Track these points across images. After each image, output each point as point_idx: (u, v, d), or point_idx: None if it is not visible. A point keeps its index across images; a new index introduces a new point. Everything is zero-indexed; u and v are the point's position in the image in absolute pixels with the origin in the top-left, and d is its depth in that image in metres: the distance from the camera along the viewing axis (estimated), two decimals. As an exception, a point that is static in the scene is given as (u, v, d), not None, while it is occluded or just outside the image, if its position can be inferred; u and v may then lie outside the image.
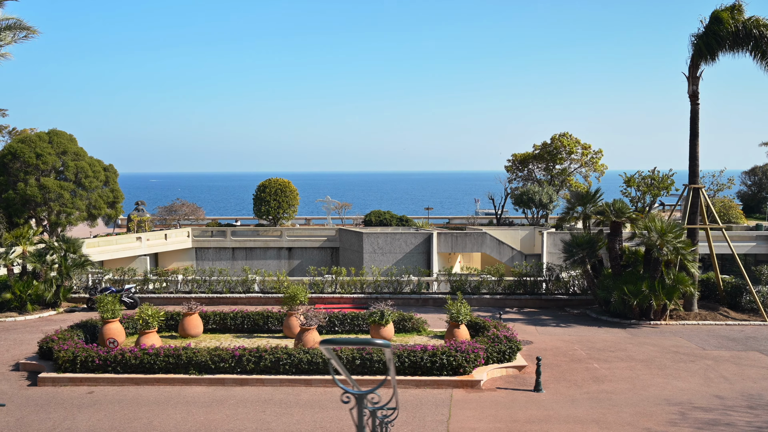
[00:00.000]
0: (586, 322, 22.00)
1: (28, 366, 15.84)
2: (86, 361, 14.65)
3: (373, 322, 17.73)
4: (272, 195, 49.28)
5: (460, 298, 17.57)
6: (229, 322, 19.16)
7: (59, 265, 24.43)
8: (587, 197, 23.08)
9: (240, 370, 14.49)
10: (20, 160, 38.95)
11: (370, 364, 14.43)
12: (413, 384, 14.19)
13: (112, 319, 17.28)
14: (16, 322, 22.43)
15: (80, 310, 24.49)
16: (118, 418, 12.37)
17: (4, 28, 23.51)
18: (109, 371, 14.62)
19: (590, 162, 50.41)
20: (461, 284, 25.08)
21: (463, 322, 16.90)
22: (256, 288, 25.67)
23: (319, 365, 14.41)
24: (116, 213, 43.87)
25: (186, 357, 14.54)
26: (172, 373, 14.54)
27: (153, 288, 25.79)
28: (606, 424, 11.97)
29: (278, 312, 19.51)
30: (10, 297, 23.07)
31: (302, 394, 13.75)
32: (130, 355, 14.61)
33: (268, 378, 14.32)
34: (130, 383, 14.39)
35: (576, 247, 21.97)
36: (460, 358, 14.40)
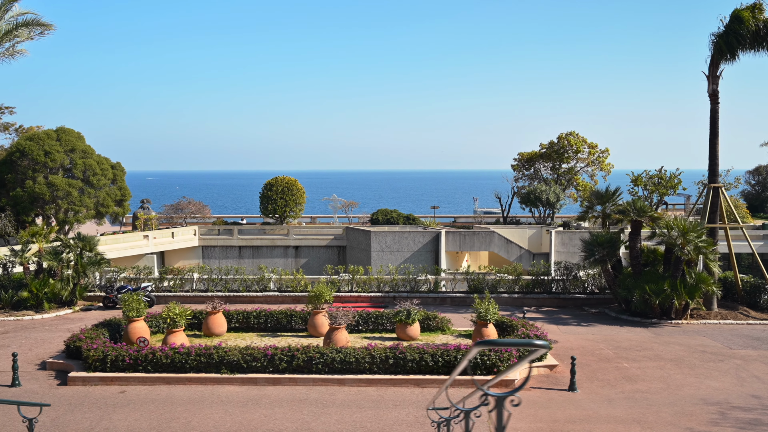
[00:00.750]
0: (606, 321, 21.96)
1: (55, 365, 15.71)
2: (116, 360, 14.53)
3: (399, 321, 17.68)
4: (279, 193, 49.15)
5: (488, 296, 17.52)
6: (253, 321, 19.05)
7: (75, 263, 24.27)
8: (606, 196, 23.03)
9: (272, 369, 14.39)
10: (28, 158, 38.74)
11: (404, 363, 14.34)
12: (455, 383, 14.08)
13: (137, 318, 17.16)
14: (33, 320, 22.27)
15: (96, 309, 24.34)
16: (155, 417, 12.26)
17: (21, 24, 23.31)
18: (140, 370, 14.50)
19: (597, 161, 50.39)
20: (479, 283, 25.02)
21: (492, 321, 16.83)
22: (272, 286, 25.55)
23: (352, 364, 14.32)
24: (124, 211, 43.69)
25: (218, 356, 14.43)
26: (204, 373, 14.44)
27: (169, 286, 25.66)
28: (648, 424, 11.92)
29: (301, 311, 19.41)
30: (27, 295, 22.90)
31: (337, 394, 13.67)
32: (161, 354, 14.50)
33: (301, 377, 14.23)
34: (162, 382, 14.28)
35: (597, 246, 21.92)
36: (494, 357, 14.34)
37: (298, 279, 25.28)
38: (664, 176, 47.09)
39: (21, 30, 23.45)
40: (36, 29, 23.86)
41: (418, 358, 14.32)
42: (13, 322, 21.81)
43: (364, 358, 14.33)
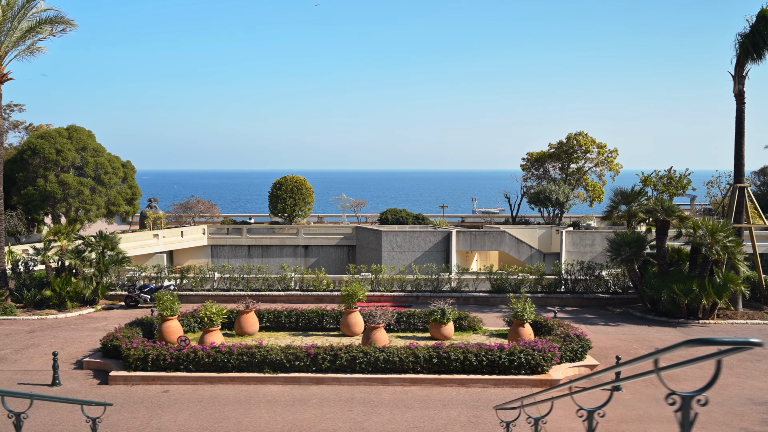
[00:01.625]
0: (632, 320, 21.96)
1: (92, 364, 15.60)
2: (157, 359, 14.43)
3: (434, 321, 17.61)
4: (288, 192, 49.06)
5: (524, 296, 17.49)
6: (284, 320, 18.95)
7: (97, 262, 24.14)
8: (632, 195, 23.02)
9: (315, 368, 14.31)
10: (40, 156, 38.56)
11: (448, 363, 14.28)
12: (492, 383, 14.06)
13: (171, 317, 17.07)
14: (57, 319, 22.12)
15: (118, 308, 24.21)
16: (205, 417, 12.16)
17: (44, 21, 23.12)
18: (181, 370, 14.39)
19: (606, 161, 50.44)
20: (502, 283, 24.99)
21: (528, 320, 16.79)
22: (294, 285, 25.46)
23: (396, 364, 14.25)
24: (134, 210, 43.53)
25: (260, 356, 14.34)
26: (246, 372, 14.34)
27: (190, 285, 25.54)
28: (701, 424, 11.89)
29: (332, 310, 19.34)
30: (50, 294, 22.76)
31: (383, 393, 13.60)
32: (202, 354, 14.40)
33: (345, 377, 14.15)
34: (204, 382, 14.18)
35: (624, 245, 21.91)
36: (538, 356, 14.29)
37: (321, 278, 25.20)
38: (674, 176, 47.20)
39: (43, 27, 23.25)
40: (58, 26, 23.66)
41: (462, 357, 14.26)
42: (38, 321, 21.66)
43: (407, 358, 14.27)
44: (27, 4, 22.53)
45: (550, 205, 47.98)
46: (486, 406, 12.84)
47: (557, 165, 51.42)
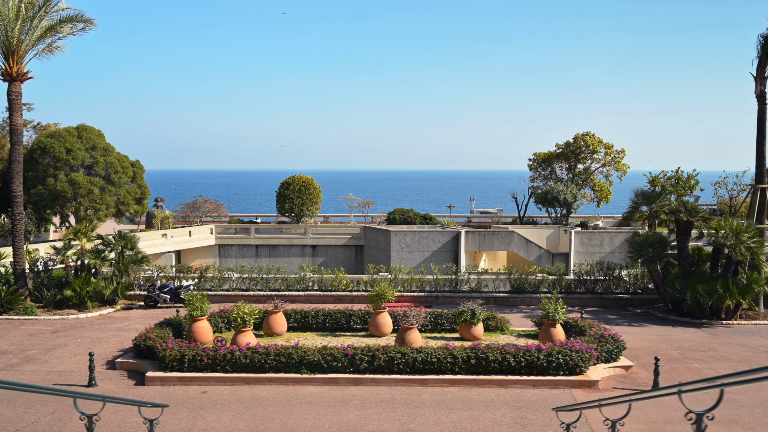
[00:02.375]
0: (655, 321, 21.98)
1: (125, 365, 15.51)
2: (194, 360, 14.36)
3: (464, 321, 17.59)
4: (296, 192, 48.97)
5: (555, 296, 17.48)
6: (311, 320, 18.89)
7: (116, 261, 24.03)
8: (653, 196, 23.05)
9: (353, 369, 14.26)
10: (50, 155, 38.41)
11: (486, 363, 14.26)
12: (530, 384, 14.04)
13: (201, 317, 16.99)
14: (79, 319, 22.01)
15: (137, 308, 24.11)
16: (249, 418, 12.11)
17: (64, 19, 22.96)
18: (218, 370, 14.33)
19: (613, 161, 50.53)
20: (522, 283, 24.99)
21: (560, 321, 16.78)
22: (312, 285, 25.40)
23: (434, 365, 14.22)
24: (143, 210, 43.41)
25: (297, 356, 14.29)
26: (283, 373, 14.29)
27: (209, 285, 25.45)
28: (747, 425, 11.90)
29: (359, 310, 19.29)
30: (71, 294, 22.65)
31: (422, 394, 13.56)
32: (239, 354, 14.34)
33: (383, 377, 14.11)
34: (241, 383, 14.12)
35: (647, 246, 21.92)
36: (576, 357, 14.28)
37: (340, 278, 25.16)
38: (681, 177, 47.28)
39: (63, 25, 23.10)
40: (78, 25, 23.52)
41: (500, 358, 14.24)
42: (60, 321, 21.55)
43: (446, 359, 14.24)
44: (47, 3, 22.38)
45: (558, 205, 48.02)
46: (528, 407, 12.82)
47: (564, 165, 51.50)
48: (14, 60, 22.77)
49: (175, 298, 24.02)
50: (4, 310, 22.15)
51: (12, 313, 22.08)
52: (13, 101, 22.96)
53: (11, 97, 22.93)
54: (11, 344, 18.05)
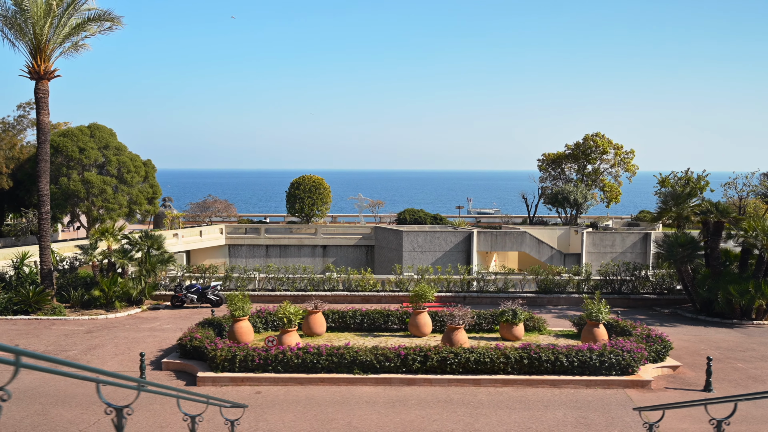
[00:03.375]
0: (685, 321, 22.03)
1: (171, 365, 15.41)
2: (245, 360, 14.28)
3: (505, 321, 17.59)
4: (306, 192, 48.86)
5: (598, 296, 17.48)
6: (348, 320, 18.84)
7: (143, 261, 23.89)
8: (682, 197, 23.14)
9: (405, 369, 14.22)
10: (63, 154, 38.15)
11: (539, 364, 14.25)
12: (583, 384, 14.04)
13: (242, 318, 16.91)
14: (108, 319, 21.86)
15: (164, 308, 23.96)
16: (311, 419, 12.04)
17: (92, 18, 22.77)
18: (270, 371, 14.25)
19: (622, 162, 50.70)
20: (549, 283, 25.01)
21: (603, 321, 16.79)
22: (340, 285, 25.33)
23: (487, 365, 14.20)
24: (154, 209, 43.19)
25: (350, 356, 14.23)
26: (335, 373, 14.23)
27: (234, 285, 25.35)
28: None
29: (396, 310, 19.26)
30: (99, 294, 22.49)
31: (478, 395, 13.54)
32: (291, 355, 14.27)
33: (436, 378, 14.08)
34: (294, 383, 14.05)
35: (678, 247, 21.98)
36: (629, 357, 14.29)
37: (367, 278, 25.10)
38: (692, 178, 47.47)
39: (91, 24, 22.93)
40: (105, 23, 23.36)
41: (552, 358, 14.24)
42: (89, 322, 21.40)
43: (498, 359, 14.23)
44: (75, 1, 22.20)
45: (568, 205, 48.14)
46: (588, 407, 12.82)
47: (573, 166, 51.62)
48: (42, 58, 22.59)
49: (202, 298, 23.89)
50: (32, 310, 21.97)
51: (40, 313, 21.91)
52: (40, 99, 22.78)
53: (39, 95, 22.75)
54: (48, 345, 17.90)
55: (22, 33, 22.37)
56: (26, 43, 22.54)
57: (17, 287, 22.70)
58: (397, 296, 24.74)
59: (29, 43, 22.46)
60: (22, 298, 21.92)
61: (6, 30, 22.42)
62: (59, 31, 22.65)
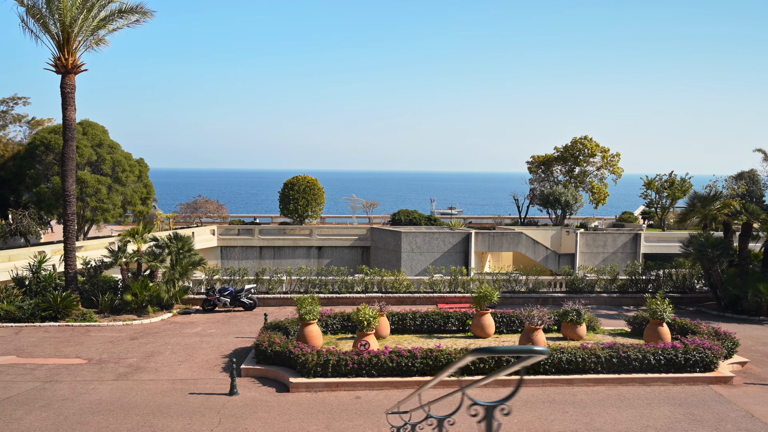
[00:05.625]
0: (713, 318, 22.73)
1: (251, 371, 14.96)
2: (338, 365, 13.99)
3: (570, 321, 17.79)
4: (301, 193, 48.23)
5: (662, 295, 17.86)
6: (408, 323, 18.72)
7: (173, 263, 23.11)
8: (709, 199, 23.91)
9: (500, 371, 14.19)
10: (54, 152, 36.53)
11: (627, 362, 14.47)
12: (670, 381, 14.34)
13: (312, 321, 16.56)
14: (143, 325, 21.05)
15: (194, 312, 23.25)
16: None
17: (124, 10, 21.84)
18: (363, 375, 14.00)
19: (609, 165, 51.99)
20: (578, 283, 25.42)
21: (667, 320, 17.17)
22: (373, 287, 25.10)
23: (579, 365, 14.34)
24: (148, 210, 41.83)
25: (444, 358, 14.12)
26: (429, 376, 14.08)
27: (265, 288, 24.80)
28: None
29: (455, 311, 19.23)
30: (131, 299, 21.64)
31: (576, 394, 13.64)
32: (385, 358, 14.06)
33: (531, 378, 14.13)
34: (390, 387, 13.85)
35: (709, 247, 22.70)
36: (710, 354, 14.66)
37: (401, 280, 24.96)
38: (675, 180, 49.11)
39: (124, 16, 22.00)
40: (132, 16, 22.46)
41: (641, 357, 14.48)
42: (126, 327, 20.57)
43: (589, 358, 14.38)
44: (106, -8, 21.31)
45: (559, 207, 49.06)
46: (687, 404, 13.08)
47: (562, 168, 52.62)
48: (69, 51, 21.59)
49: (234, 302, 23.27)
50: (60, 316, 20.96)
51: (69, 319, 20.91)
52: (67, 94, 21.77)
53: (65, 90, 21.73)
54: (102, 353, 17.09)
55: (48, 25, 21.31)
56: (53, 35, 21.49)
57: (42, 293, 21.62)
58: (431, 297, 24.70)
59: (56, 35, 21.42)
60: (49, 304, 20.88)
61: (31, 22, 21.33)
62: (88, 23, 21.69)
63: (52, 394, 13.38)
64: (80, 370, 15.36)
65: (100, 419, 11.89)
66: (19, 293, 21.46)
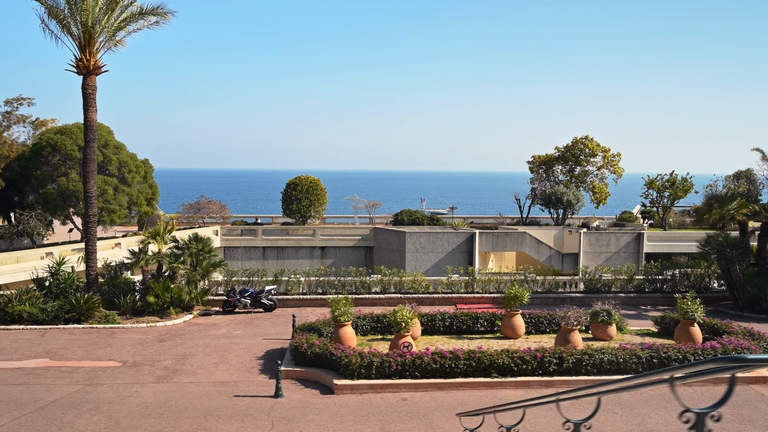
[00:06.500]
0: (734, 318, 22.89)
1: (291, 373, 14.90)
2: (382, 366, 13.99)
3: (600, 322, 17.93)
4: (303, 193, 48.13)
5: (692, 295, 18.02)
6: (438, 323, 18.75)
7: (194, 264, 22.99)
8: (727, 199, 24.17)
9: (542, 372, 14.28)
10: (61, 153, 36.22)
11: (668, 362, 14.60)
12: (711, 381, 14.48)
13: (347, 322, 16.56)
14: (167, 326, 20.91)
15: (215, 313, 23.13)
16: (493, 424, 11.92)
17: (145, 11, 21.67)
18: (406, 376, 14.01)
19: (609, 164, 52.37)
20: (596, 283, 25.59)
21: (698, 320, 17.35)
22: (392, 288, 25.12)
23: (620, 365, 14.45)
24: (152, 210, 41.57)
25: (487, 360, 14.17)
26: (472, 377, 14.13)
27: (284, 289, 24.73)
28: None
29: (484, 312, 19.29)
30: (153, 300, 21.49)
31: (621, 395, 13.74)
32: (428, 360, 14.07)
33: (572, 379, 14.19)
34: (434, 388, 13.87)
35: (729, 247, 22.94)
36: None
37: (419, 280, 24.98)
38: (676, 180, 49.58)
39: (145, 17, 21.81)
40: (152, 18, 22.27)
41: (681, 357, 14.61)
42: (150, 329, 20.43)
43: (630, 359, 14.50)
44: (128, -8, 21.14)
45: (561, 206, 49.36)
46: (735, 404, 13.21)
47: (562, 168, 52.92)
48: (90, 52, 21.39)
49: (255, 303, 23.17)
50: (84, 318, 20.77)
51: (92, 321, 20.74)
52: (88, 96, 21.58)
53: (87, 92, 21.54)
54: (133, 355, 16.97)
55: (70, 26, 21.10)
56: (74, 36, 21.28)
57: (63, 294, 21.42)
58: (450, 298, 24.75)
59: (78, 37, 21.21)
60: (72, 306, 20.68)
61: (53, 23, 21.11)
62: (110, 24, 21.50)
63: (96, 397, 13.27)
64: (117, 372, 15.24)
65: (152, 422, 11.81)
66: (40, 295, 21.24)
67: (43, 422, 11.76)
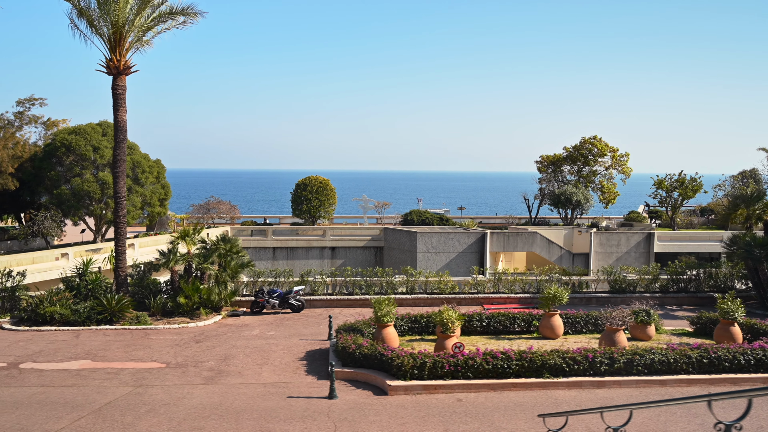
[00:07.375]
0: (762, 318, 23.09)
1: (341, 374, 14.83)
2: (434, 367, 13.96)
3: (641, 322, 17.97)
4: (313, 193, 48.03)
5: (732, 295, 18.08)
6: (475, 323, 18.76)
7: (222, 265, 22.90)
8: (753, 199, 24.30)
9: (593, 372, 14.28)
10: (75, 153, 36.04)
11: (718, 363, 14.64)
12: (760, 381, 14.42)
13: (389, 323, 16.53)
14: (199, 327, 20.80)
15: (242, 314, 23.02)
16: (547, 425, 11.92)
17: (174, 11, 21.54)
18: (459, 377, 13.99)
19: (617, 164, 52.50)
20: (621, 283, 25.64)
21: (739, 320, 17.41)
22: (417, 288, 25.10)
23: (671, 365, 14.46)
24: (165, 210, 41.42)
25: (539, 360, 14.16)
26: (524, 377, 14.12)
27: (311, 290, 24.66)
28: None
29: (519, 312, 19.31)
30: (184, 301, 21.39)
31: (675, 395, 13.76)
32: (480, 360, 14.05)
33: (624, 380, 14.20)
34: (487, 389, 13.85)
35: (755, 247, 23.06)
36: None
37: (446, 280, 24.96)
38: (685, 180, 49.71)
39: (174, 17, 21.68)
40: (180, 18, 22.14)
41: (731, 357, 14.66)
42: (183, 330, 20.33)
43: (681, 359, 14.52)
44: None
45: (570, 206, 49.48)
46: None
47: (571, 168, 53.02)
48: (120, 53, 21.27)
49: (283, 304, 23.09)
50: (115, 319, 20.64)
51: (124, 322, 20.62)
52: (118, 96, 21.46)
53: (117, 92, 21.42)
54: (174, 356, 16.86)
55: (101, 26, 20.97)
56: (104, 37, 21.15)
57: (93, 295, 21.28)
58: (477, 298, 24.75)
59: (108, 37, 21.08)
60: (104, 307, 20.55)
61: (81, 23, 20.97)
62: (140, 24, 21.38)
63: (150, 399, 13.18)
64: (163, 374, 15.14)
65: (214, 424, 11.73)
66: (70, 296, 21.09)
67: (103, 424, 11.66)
